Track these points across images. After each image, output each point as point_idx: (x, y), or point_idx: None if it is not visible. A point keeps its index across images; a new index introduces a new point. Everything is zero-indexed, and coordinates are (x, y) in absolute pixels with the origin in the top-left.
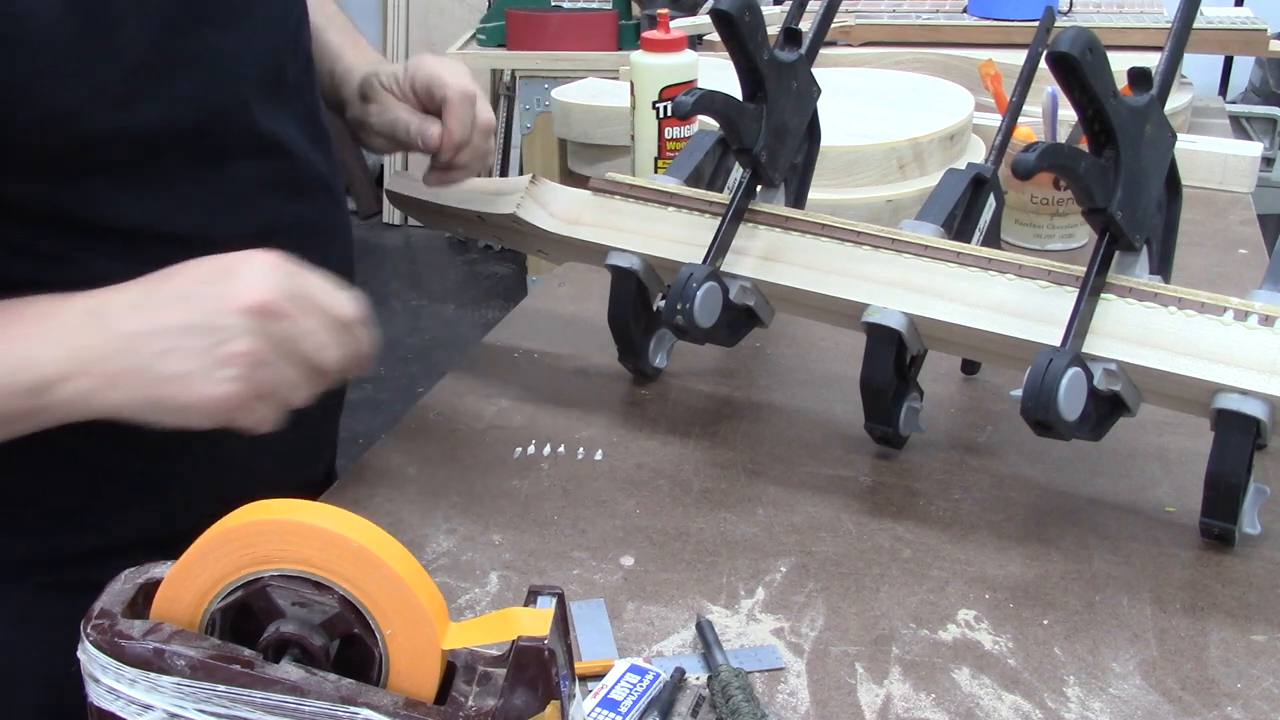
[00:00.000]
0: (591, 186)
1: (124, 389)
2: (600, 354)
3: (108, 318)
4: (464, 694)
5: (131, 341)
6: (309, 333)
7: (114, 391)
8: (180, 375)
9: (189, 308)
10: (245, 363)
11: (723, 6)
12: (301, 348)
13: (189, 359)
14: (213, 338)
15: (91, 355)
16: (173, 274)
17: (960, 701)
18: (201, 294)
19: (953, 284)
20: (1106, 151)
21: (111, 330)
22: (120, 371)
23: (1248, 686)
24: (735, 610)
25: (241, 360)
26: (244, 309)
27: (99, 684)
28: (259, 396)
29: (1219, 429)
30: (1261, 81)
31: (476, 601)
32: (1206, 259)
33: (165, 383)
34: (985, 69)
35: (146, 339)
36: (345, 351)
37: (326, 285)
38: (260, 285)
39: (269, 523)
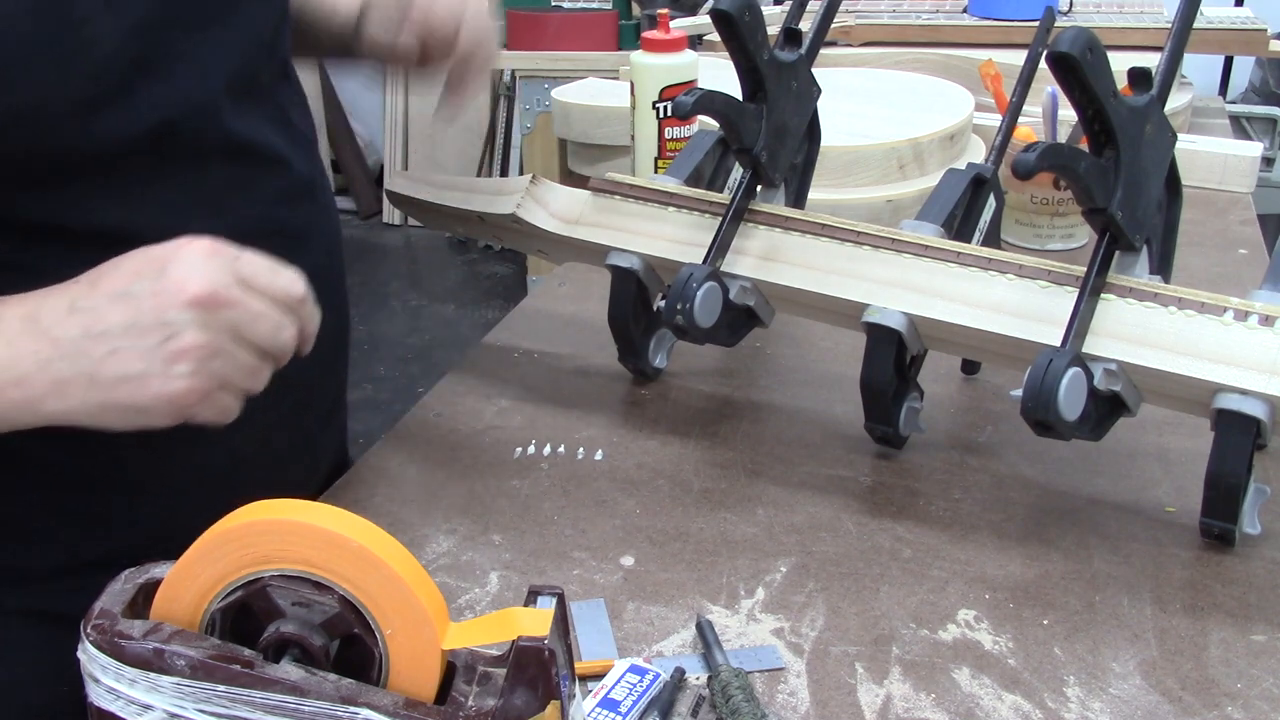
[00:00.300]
0: (591, 186)
1: (73, 396)
2: (600, 354)
3: (45, 324)
4: (464, 694)
5: (74, 346)
6: (258, 316)
7: (62, 400)
8: (131, 377)
9: (130, 305)
10: (197, 356)
11: (723, 6)
12: (251, 332)
13: (137, 359)
14: (159, 335)
15: (32, 364)
16: (106, 271)
17: (960, 701)
18: (141, 290)
19: (953, 284)
20: (1106, 151)
21: (51, 336)
22: (67, 379)
23: (1248, 686)
24: (735, 610)
25: (193, 354)
26: (188, 302)
27: (99, 684)
28: (216, 388)
29: (1219, 429)
30: (1261, 81)
31: (476, 601)
32: (1206, 259)
33: (116, 386)
34: (985, 69)
35: (90, 343)
36: (294, 330)
37: (268, 264)
38: (201, 275)
39: (269, 523)
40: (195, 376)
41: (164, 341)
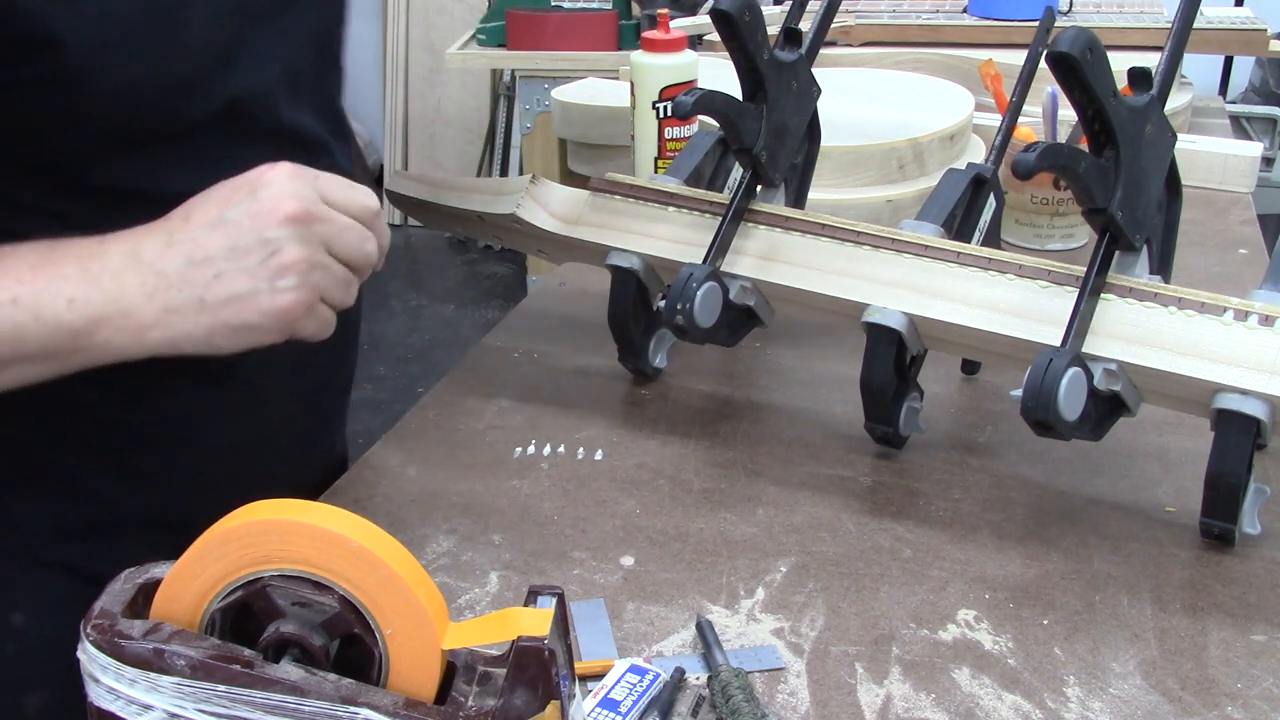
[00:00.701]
0: (591, 186)
1: (182, 322)
2: (600, 354)
3: (147, 258)
4: (464, 694)
5: (180, 275)
6: (345, 228)
7: (170, 328)
8: (239, 296)
9: (228, 230)
10: (299, 270)
11: (723, 6)
12: (342, 245)
13: (244, 279)
14: (261, 253)
15: (139, 295)
16: (196, 204)
17: (960, 701)
18: (236, 215)
19: (953, 284)
20: (1106, 151)
21: (156, 269)
22: (176, 306)
23: (1248, 686)
24: (735, 610)
25: (295, 268)
26: (284, 219)
27: (99, 684)
28: (318, 300)
29: (1219, 429)
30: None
31: (476, 601)
32: (1206, 259)
33: (225, 306)
34: (985, 69)
35: (195, 270)
36: (375, 244)
37: (344, 182)
38: (291, 193)
39: (269, 523)
40: (300, 290)
41: (267, 259)
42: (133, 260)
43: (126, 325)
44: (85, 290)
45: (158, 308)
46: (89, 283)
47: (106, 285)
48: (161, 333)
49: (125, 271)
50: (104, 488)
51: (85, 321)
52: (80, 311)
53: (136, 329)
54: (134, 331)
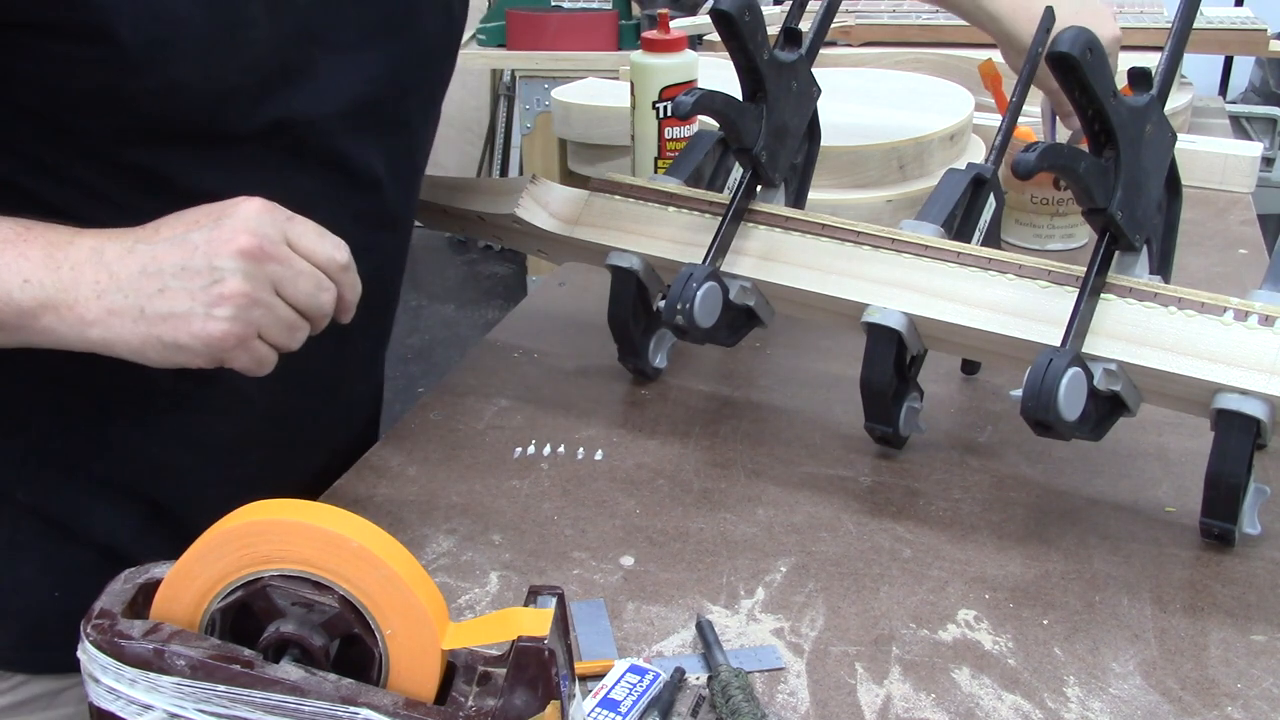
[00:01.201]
0: (591, 186)
1: (120, 326)
2: (600, 354)
3: (107, 258)
4: (464, 694)
5: (130, 281)
6: (299, 275)
7: (108, 329)
8: (175, 314)
9: (184, 249)
10: (238, 303)
11: (723, 6)
12: (292, 290)
13: (184, 298)
14: (206, 278)
15: (90, 290)
16: (170, 219)
17: (960, 701)
18: (196, 237)
19: (953, 284)
20: (1106, 151)
21: (111, 270)
22: (118, 309)
23: (1248, 686)
24: (735, 610)
25: (234, 300)
26: (236, 251)
27: (99, 684)
28: (253, 336)
29: (1219, 429)
30: (1261, 81)
31: (476, 601)
32: (1206, 259)
33: (160, 321)
34: (985, 69)
35: (144, 279)
36: (333, 295)
37: (316, 229)
38: (252, 229)
39: (269, 523)
40: (234, 321)
41: (209, 285)
42: (95, 256)
43: (69, 317)
44: (41, 274)
45: (103, 307)
46: (49, 268)
47: (63, 275)
48: (100, 332)
49: (84, 265)
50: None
51: (34, 304)
52: (30, 293)
53: (78, 322)
54: (75, 324)
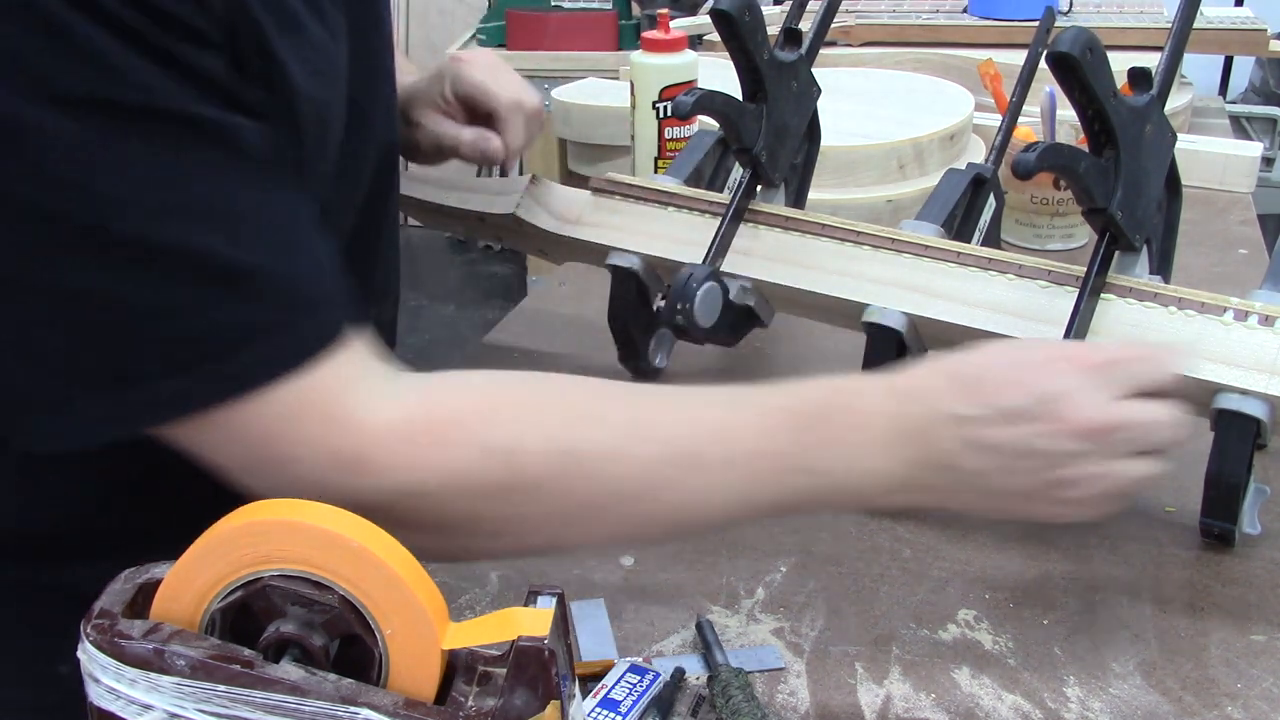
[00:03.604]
0: (591, 186)
1: (941, 498)
2: (600, 354)
3: (928, 432)
4: (464, 694)
5: (964, 459)
6: (1150, 427)
7: (928, 499)
8: (1017, 493)
9: (1018, 426)
10: (1088, 487)
11: (723, 6)
12: (1144, 443)
13: (1026, 479)
14: (1050, 461)
15: (920, 473)
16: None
17: (960, 701)
18: (1027, 409)
19: (953, 284)
20: (1106, 151)
21: (936, 448)
22: (947, 487)
23: (1248, 686)
24: (735, 610)
25: (1083, 484)
26: (1079, 434)
27: (99, 684)
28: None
29: (1219, 429)
30: (1261, 81)
31: (476, 601)
32: (1206, 259)
33: (999, 497)
34: (985, 69)
35: (981, 457)
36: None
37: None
38: (1090, 405)
39: (269, 523)
40: (1082, 504)
41: (1053, 468)
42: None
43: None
44: (882, 460)
45: (945, 484)
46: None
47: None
48: (912, 498)
49: (905, 443)
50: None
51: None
52: (877, 481)
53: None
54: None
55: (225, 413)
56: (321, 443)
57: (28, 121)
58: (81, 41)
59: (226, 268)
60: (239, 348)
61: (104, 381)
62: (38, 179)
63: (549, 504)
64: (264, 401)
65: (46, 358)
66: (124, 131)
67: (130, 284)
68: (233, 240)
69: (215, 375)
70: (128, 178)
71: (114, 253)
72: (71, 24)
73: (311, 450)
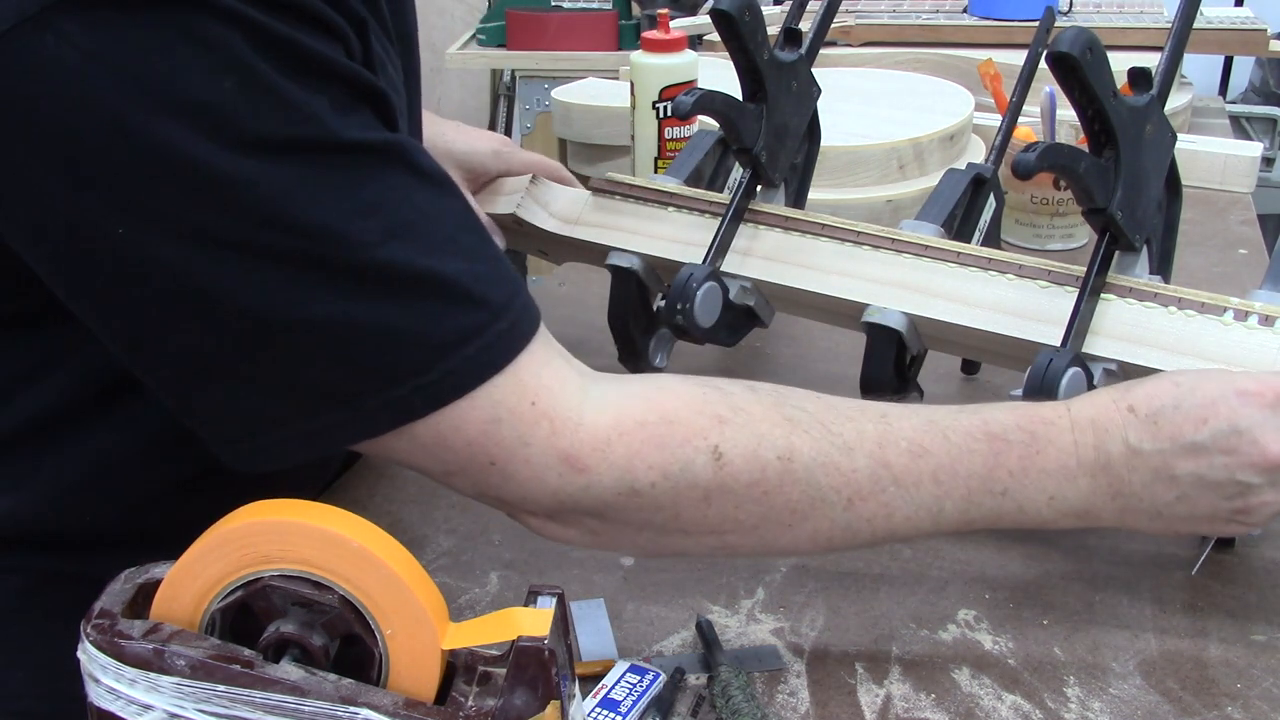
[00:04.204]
0: (591, 186)
1: (1114, 520)
2: (600, 354)
3: (1112, 467)
4: (464, 694)
5: (1144, 488)
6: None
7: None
8: (1193, 518)
9: (1200, 459)
10: (1263, 513)
11: (723, 6)
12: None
13: (1205, 506)
14: (1228, 491)
15: (1101, 501)
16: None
17: (960, 701)
18: (1211, 443)
19: (953, 284)
20: (1106, 151)
21: (1119, 479)
22: (1130, 510)
23: (1248, 686)
24: (735, 610)
25: (1259, 511)
26: (1265, 467)
27: (99, 684)
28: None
29: None
30: (1261, 81)
31: (476, 601)
32: (1206, 259)
33: (1166, 520)
34: (985, 69)
35: (1159, 484)
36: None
37: None
38: (1276, 440)
39: (269, 523)
40: (1249, 526)
41: (1232, 498)
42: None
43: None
44: (1065, 488)
45: (1117, 509)
46: (1068, 480)
47: (1081, 484)
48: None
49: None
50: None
51: (1058, 515)
52: (1058, 508)
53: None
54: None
55: (440, 418)
56: (548, 442)
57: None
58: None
59: (431, 278)
60: (451, 352)
61: (332, 401)
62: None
63: (759, 507)
64: (477, 404)
65: (272, 383)
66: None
67: (350, 306)
68: (429, 250)
69: (435, 382)
70: (335, 209)
71: (335, 280)
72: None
73: (538, 450)
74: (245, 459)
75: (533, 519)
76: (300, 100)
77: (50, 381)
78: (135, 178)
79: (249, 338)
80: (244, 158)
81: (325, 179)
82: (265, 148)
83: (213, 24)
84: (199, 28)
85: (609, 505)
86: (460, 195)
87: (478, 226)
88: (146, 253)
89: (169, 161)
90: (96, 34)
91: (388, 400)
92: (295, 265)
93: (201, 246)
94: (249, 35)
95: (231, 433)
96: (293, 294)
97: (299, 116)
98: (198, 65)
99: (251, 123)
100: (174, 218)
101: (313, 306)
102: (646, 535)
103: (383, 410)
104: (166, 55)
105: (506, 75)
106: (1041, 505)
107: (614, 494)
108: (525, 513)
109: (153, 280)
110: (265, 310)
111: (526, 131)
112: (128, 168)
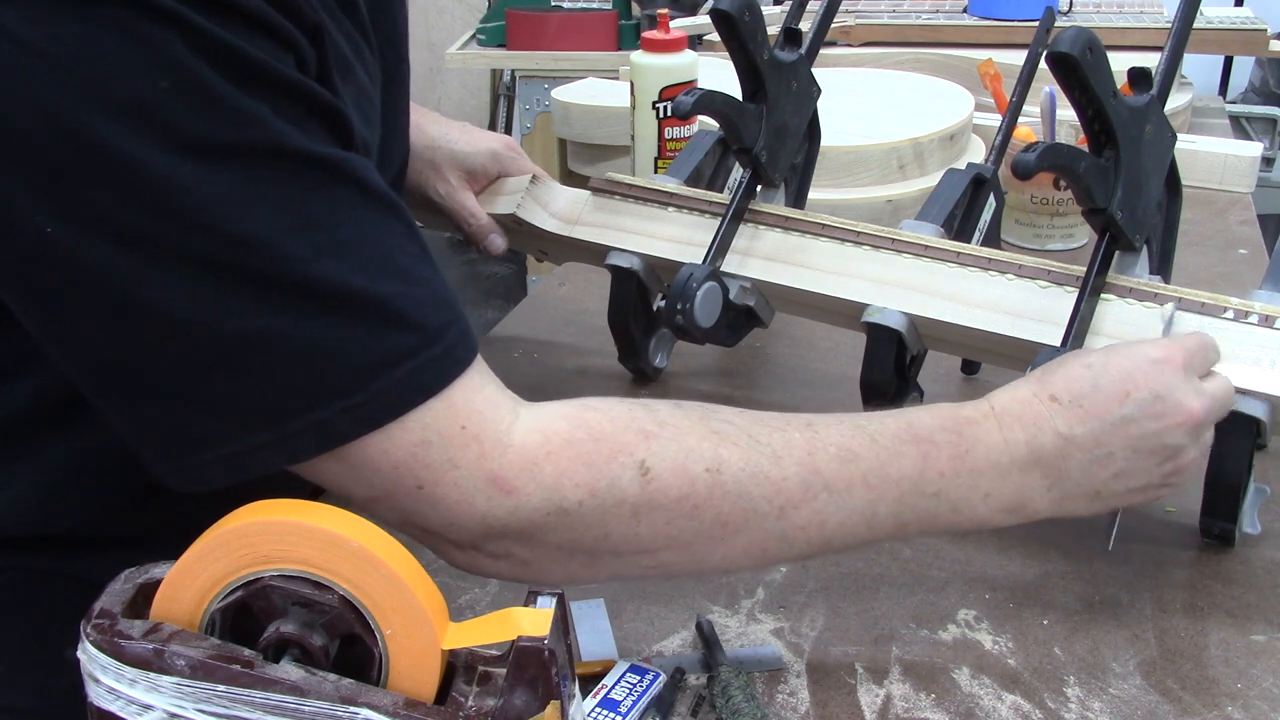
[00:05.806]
0: (591, 186)
1: (1053, 509)
2: (600, 354)
3: (1043, 458)
4: (464, 694)
5: (1081, 472)
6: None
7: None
8: (1128, 490)
9: (1129, 431)
10: (1190, 469)
11: (723, 6)
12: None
13: (1138, 478)
14: (1162, 456)
15: (1036, 494)
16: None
17: (960, 701)
18: (1136, 414)
19: (953, 284)
20: (1106, 151)
21: (1052, 470)
22: (1060, 499)
23: (1248, 686)
24: (735, 610)
25: (1187, 469)
26: (1190, 427)
27: (99, 684)
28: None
29: (1219, 429)
30: (1261, 81)
31: (476, 601)
32: (1206, 259)
33: (1105, 498)
34: (985, 69)
35: (1095, 466)
36: None
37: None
38: (1194, 398)
39: (269, 523)
40: (1180, 483)
41: (1163, 462)
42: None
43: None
44: (999, 485)
45: (1054, 499)
46: (1000, 477)
47: (1015, 480)
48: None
49: (1031, 468)
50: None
51: (993, 513)
52: (993, 505)
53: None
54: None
55: (368, 441)
56: (476, 464)
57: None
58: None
59: (363, 298)
60: (381, 375)
61: (257, 421)
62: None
63: (690, 521)
64: (407, 428)
65: (193, 399)
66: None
67: (276, 321)
68: (364, 270)
69: (362, 405)
70: (270, 221)
71: (263, 294)
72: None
73: (466, 473)
74: (175, 477)
75: (458, 551)
76: (241, 106)
77: (26, 380)
78: (65, 171)
79: (171, 348)
80: (179, 160)
81: (262, 189)
82: (201, 151)
83: (149, 24)
84: (136, 26)
85: (538, 527)
86: (406, 218)
87: (420, 250)
88: (72, 251)
89: (101, 157)
90: (34, 27)
91: (312, 422)
92: (222, 274)
93: (126, 247)
94: (187, 37)
95: (156, 449)
96: (218, 305)
97: (238, 122)
98: (134, 63)
99: (188, 125)
100: (102, 216)
101: (238, 319)
102: (578, 560)
103: (307, 433)
104: (103, 51)
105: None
106: (977, 504)
107: (543, 515)
108: (450, 543)
109: (77, 279)
110: (188, 319)
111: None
112: (59, 161)
